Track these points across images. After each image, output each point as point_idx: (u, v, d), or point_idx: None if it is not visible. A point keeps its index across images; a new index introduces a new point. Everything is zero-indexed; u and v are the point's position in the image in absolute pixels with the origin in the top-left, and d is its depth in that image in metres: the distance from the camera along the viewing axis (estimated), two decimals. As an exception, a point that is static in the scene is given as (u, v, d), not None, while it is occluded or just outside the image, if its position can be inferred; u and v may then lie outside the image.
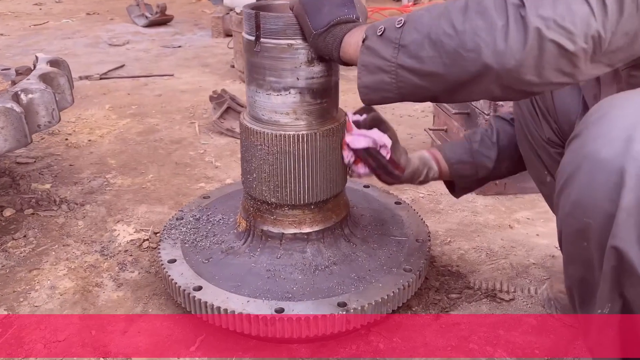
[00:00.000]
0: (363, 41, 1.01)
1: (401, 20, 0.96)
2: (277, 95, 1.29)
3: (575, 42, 0.80)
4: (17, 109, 1.49)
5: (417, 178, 1.45)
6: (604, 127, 0.80)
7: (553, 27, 0.80)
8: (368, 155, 1.31)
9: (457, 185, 1.52)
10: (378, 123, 1.31)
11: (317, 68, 1.26)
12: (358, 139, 1.30)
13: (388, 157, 1.30)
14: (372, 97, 1.03)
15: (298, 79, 1.26)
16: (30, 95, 1.60)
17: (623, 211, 0.75)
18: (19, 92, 1.58)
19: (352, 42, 1.07)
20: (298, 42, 1.22)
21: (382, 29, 0.98)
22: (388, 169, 1.33)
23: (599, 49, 0.81)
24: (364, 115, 1.32)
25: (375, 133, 1.29)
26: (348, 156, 1.34)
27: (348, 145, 1.33)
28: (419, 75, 0.94)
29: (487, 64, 0.85)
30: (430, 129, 2.48)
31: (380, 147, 1.30)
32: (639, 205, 0.74)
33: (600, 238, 0.80)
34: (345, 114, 1.35)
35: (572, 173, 0.84)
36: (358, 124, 1.31)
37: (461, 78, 0.90)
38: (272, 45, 1.24)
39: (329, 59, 1.18)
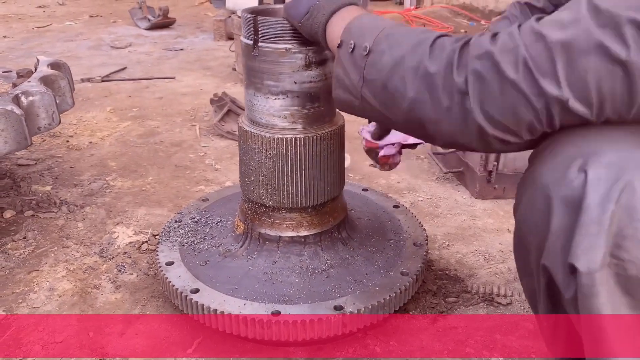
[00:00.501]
0: (339, 46, 1.01)
1: (367, 47, 0.95)
2: (275, 98, 1.29)
3: (521, 137, 0.83)
4: (17, 111, 1.50)
5: None
6: (556, 150, 0.81)
7: (497, 126, 0.82)
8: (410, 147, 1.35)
9: None
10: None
11: (315, 72, 1.27)
12: (389, 150, 1.35)
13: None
14: (344, 110, 1.07)
15: (296, 82, 1.27)
16: (30, 98, 1.61)
17: (552, 234, 0.78)
18: (20, 95, 1.59)
19: (333, 36, 1.07)
20: (296, 46, 1.23)
21: (352, 45, 0.98)
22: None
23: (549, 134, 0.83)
24: (371, 127, 1.33)
25: (394, 136, 1.32)
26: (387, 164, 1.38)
27: (385, 156, 1.39)
28: (379, 113, 0.97)
29: (433, 136, 0.90)
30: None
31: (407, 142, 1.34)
32: (565, 230, 0.76)
33: (537, 256, 0.83)
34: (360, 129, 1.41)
35: (522, 191, 0.88)
36: (374, 137, 1.32)
37: (413, 131, 0.97)
38: (270, 49, 1.24)
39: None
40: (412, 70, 0.87)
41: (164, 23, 5.96)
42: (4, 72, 2.05)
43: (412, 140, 1.38)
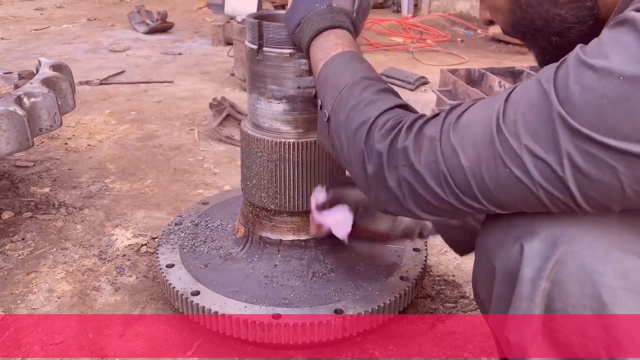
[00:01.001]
0: (314, 96, 1.05)
1: (326, 113, 1.00)
2: (278, 103, 1.31)
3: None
4: (20, 112, 1.50)
5: (412, 235, 1.34)
6: (499, 219, 0.83)
7: (438, 218, 0.87)
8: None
9: (454, 248, 1.32)
10: (339, 201, 1.28)
11: (318, 77, 1.28)
12: (316, 228, 1.31)
13: (345, 234, 1.27)
14: (326, 151, 1.11)
15: (299, 87, 1.28)
16: (33, 99, 1.61)
17: (494, 301, 0.83)
18: (22, 96, 1.59)
19: (312, 64, 1.11)
20: (300, 51, 1.24)
21: (320, 103, 1.03)
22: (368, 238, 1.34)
23: None
24: (326, 194, 1.30)
25: (334, 216, 1.27)
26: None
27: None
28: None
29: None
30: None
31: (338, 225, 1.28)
32: (504, 300, 0.79)
33: (487, 311, 0.88)
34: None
35: (476, 249, 0.91)
36: (320, 207, 1.29)
37: None
38: (275, 54, 1.26)
39: None
40: (356, 164, 0.92)
41: (162, 27, 5.97)
42: (4, 73, 2.06)
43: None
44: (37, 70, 1.91)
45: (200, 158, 2.57)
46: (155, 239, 1.83)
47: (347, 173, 1.30)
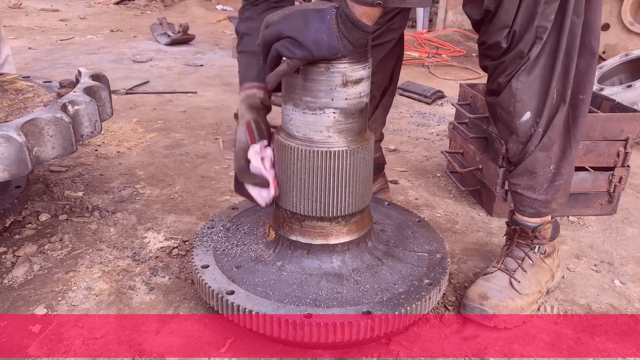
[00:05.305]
0: None
1: None
2: (312, 114, 1.38)
3: None
4: (67, 119, 1.59)
5: None
6: None
7: None
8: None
9: None
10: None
11: (351, 90, 1.36)
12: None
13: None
14: None
15: (333, 99, 1.36)
16: (76, 107, 1.70)
17: None
18: (67, 104, 1.68)
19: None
20: (335, 65, 1.32)
21: None
22: None
23: None
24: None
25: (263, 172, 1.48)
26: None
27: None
28: None
29: None
30: (447, 152, 2.57)
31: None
32: None
33: None
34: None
35: None
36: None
37: None
38: (311, 68, 1.33)
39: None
40: None
41: (184, 39, 6.12)
42: (44, 82, 2.16)
43: None
44: (77, 80, 2.01)
45: (225, 166, 2.65)
46: (186, 242, 1.91)
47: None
